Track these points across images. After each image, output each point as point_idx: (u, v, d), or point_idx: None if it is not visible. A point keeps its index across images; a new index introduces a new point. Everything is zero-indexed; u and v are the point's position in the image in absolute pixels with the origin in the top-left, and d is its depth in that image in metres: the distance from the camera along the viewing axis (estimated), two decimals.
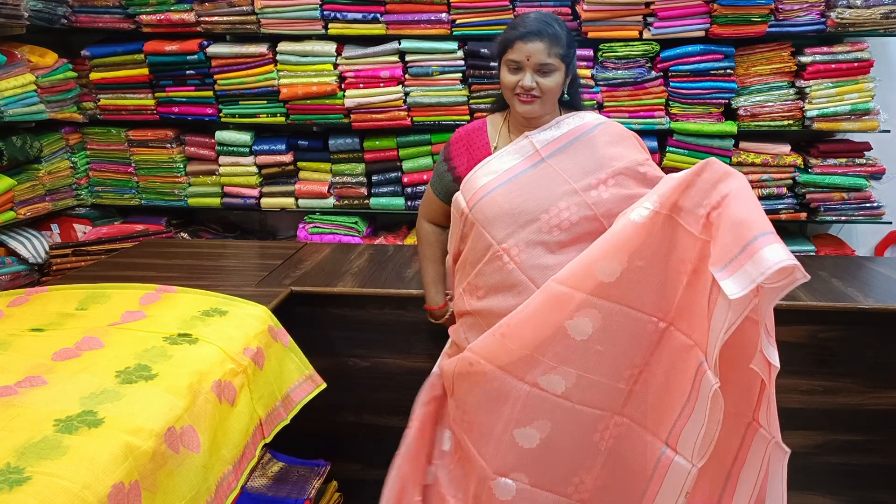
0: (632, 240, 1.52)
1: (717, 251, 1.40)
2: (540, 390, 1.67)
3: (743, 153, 3.49)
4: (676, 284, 1.52)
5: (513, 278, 1.72)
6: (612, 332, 1.59)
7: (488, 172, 1.78)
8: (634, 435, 1.64)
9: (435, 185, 1.99)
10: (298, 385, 2.04)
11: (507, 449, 1.73)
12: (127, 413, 1.42)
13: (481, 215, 1.75)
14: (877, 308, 2.18)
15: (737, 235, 1.38)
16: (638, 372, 1.61)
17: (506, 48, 1.73)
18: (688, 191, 1.49)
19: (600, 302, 1.57)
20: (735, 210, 1.41)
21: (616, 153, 1.77)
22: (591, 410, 1.66)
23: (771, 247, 1.33)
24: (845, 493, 2.36)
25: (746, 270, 1.33)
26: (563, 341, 1.62)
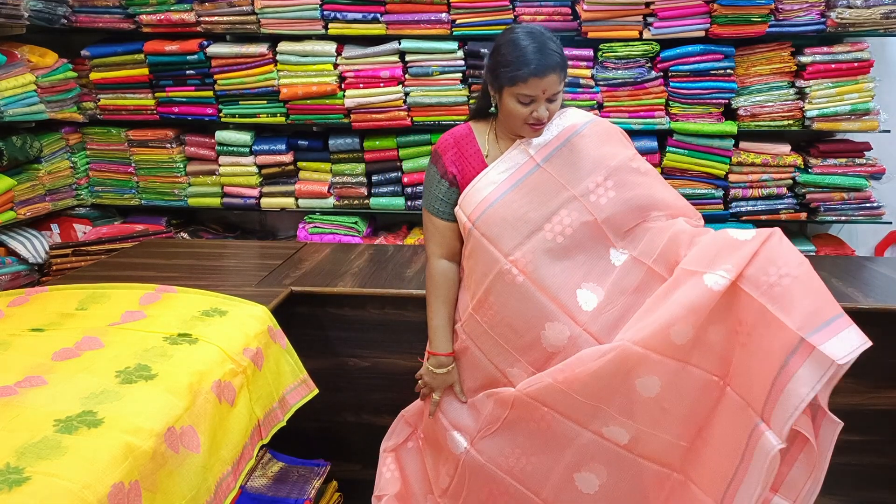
0: (708, 306, 1.54)
1: (800, 315, 1.43)
2: (603, 439, 1.70)
3: (743, 153, 3.49)
4: (734, 345, 1.55)
5: (523, 290, 1.72)
6: (678, 389, 1.61)
7: (487, 184, 1.76)
8: (689, 493, 1.65)
9: (434, 206, 1.83)
10: (293, 388, 2.04)
11: (567, 491, 1.76)
12: (127, 413, 1.41)
13: (486, 228, 1.74)
14: (877, 308, 2.18)
15: (821, 308, 1.44)
16: (697, 430, 1.62)
17: (516, 82, 1.64)
18: (755, 259, 1.53)
19: (670, 362, 1.59)
20: (813, 283, 1.47)
21: (608, 152, 1.77)
22: (651, 465, 1.69)
23: (853, 328, 1.43)
24: (845, 493, 2.35)
25: (843, 339, 1.40)
26: (629, 396, 1.63)
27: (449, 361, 1.86)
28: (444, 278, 1.85)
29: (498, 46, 1.70)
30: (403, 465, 2.00)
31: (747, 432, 1.51)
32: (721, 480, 1.56)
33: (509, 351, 1.77)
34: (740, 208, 3.55)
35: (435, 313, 1.86)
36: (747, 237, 1.57)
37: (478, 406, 1.85)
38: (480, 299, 1.77)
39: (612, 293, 1.70)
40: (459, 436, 1.87)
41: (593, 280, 1.73)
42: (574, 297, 1.71)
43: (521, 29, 1.69)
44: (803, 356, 1.41)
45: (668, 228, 1.70)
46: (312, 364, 2.16)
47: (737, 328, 1.54)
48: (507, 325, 1.75)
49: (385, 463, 1.98)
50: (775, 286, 1.47)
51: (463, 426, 1.87)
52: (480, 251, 1.75)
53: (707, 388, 1.59)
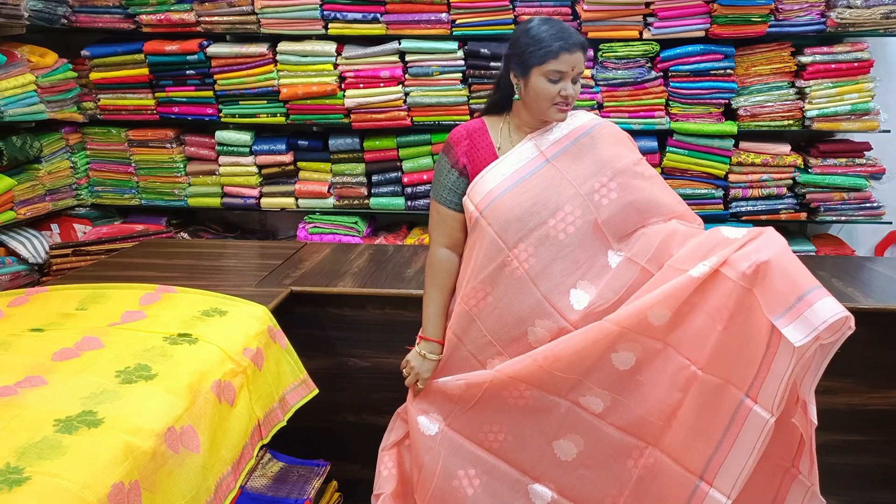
0: (686, 291, 1.62)
1: (772, 298, 1.52)
2: (580, 407, 1.76)
3: (743, 153, 3.49)
4: (710, 331, 1.62)
5: (520, 284, 1.76)
6: (652, 365, 1.68)
7: (497, 175, 1.79)
8: (668, 469, 1.70)
9: (443, 195, 1.86)
10: (294, 388, 2.05)
11: (546, 459, 1.81)
12: (127, 413, 1.41)
13: (492, 218, 1.77)
14: (877, 308, 2.18)
15: (792, 285, 1.50)
16: (671, 410, 1.68)
17: (547, 59, 1.69)
18: (740, 249, 1.60)
19: (644, 339, 1.67)
20: (786, 265, 1.54)
21: (615, 154, 1.82)
22: (624, 435, 1.74)
23: (826, 299, 1.48)
24: (845, 493, 2.36)
25: (807, 318, 1.46)
26: (606, 370, 1.71)
27: (440, 349, 1.89)
28: (443, 267, 1.89)
29: (519, 35, 1.77)
30: (402, 462, 2.01)
31: (731, 409, 1.60)
32: (700, 456, 1.64)
33: (493, 343, 1.80)
34: (740, 208, 3.55)
35: (431, 301, 1.90)
36: (738, 235, 1.64)
37: (447, 389, 1.87)
38: (475, 287, 1.80)
39: (605, 292, 1.74)
40: (428, 420, 1.89)
41: (589, 279, 1.76)
42: (567, 296, 1.75)
43: (538, 18, 1.77)
44: (778, 338, 1.51)
45: (662, 230, 1.75)
46: (312, 364, 2.16)
47: (714, 315, 1.60)
48: (497, 316, 1.78)
49: (383, 461, 1.99)
50: (754, 269, 1.54)
51: (433, 409, 1.90)
52: (485, 240, 1.78)
53: (680, 371, 1.65)
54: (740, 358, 1.58)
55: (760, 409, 1.56)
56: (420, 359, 1.89)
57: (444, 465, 1.87)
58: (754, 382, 1.57)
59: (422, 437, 1.89)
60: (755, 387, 1.57)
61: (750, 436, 1.57)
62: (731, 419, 1.60)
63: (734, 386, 1.59)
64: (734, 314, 1.57)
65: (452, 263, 1.89)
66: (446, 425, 1.88)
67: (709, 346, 1.61)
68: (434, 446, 1.88)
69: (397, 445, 2.01)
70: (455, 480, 1.86)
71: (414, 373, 1.90)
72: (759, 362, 1.55)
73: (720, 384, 1.61)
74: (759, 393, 1.56)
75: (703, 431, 1.63)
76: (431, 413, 1.90)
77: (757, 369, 1.56)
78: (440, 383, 1.89)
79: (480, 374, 1.81)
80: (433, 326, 1.89)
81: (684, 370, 1.65)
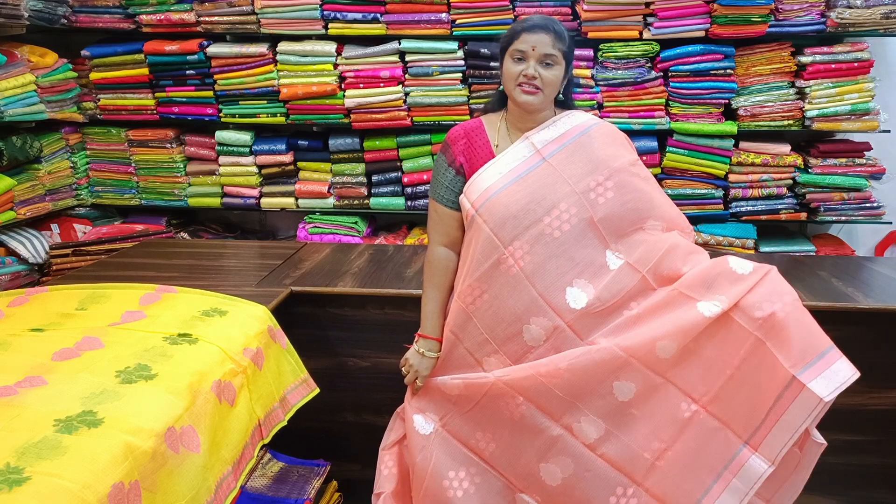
0: (697, 329, 1.65)
1: (793, 352, 1.56)
2: (572, 435, 1.76)
3: (743, 153, 3.49)
4: (720, 374, 1.64)
5: (516, 282, 1.76)
6: (650, 400, 1.70)
7: (493, 173, 1.80)
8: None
9: (440, 194, 1.87)
10: (294, 388, 2.05)
11: (531, 477, 1.82)
12: (127, 413, 1.42)
13: (488, 216, 1.77)
14: (877, 308, 2.18)
15: (812, 343, 1.57)
16: (664, 448, 1.70)
17: (511, 40, 1.76)
18: (750, 293, 1.63)
19: (649, 373, 1.68)
20: (803, 319, 1.60)
21: (612, 153, 1.82)
22: (611, 470, 1.74)
23: (842, 360, 1.56)
24: (845, 493, 2.36)
25: (829, 377, 1.53)
26: (605, 398, 1.72)
27: (438, 347, 1.90)
28: (441, 265, 1.90)
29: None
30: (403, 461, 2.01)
31: (727, 455, 1.63)
32: (688, 498, 1.66)
33: (489, 341, 1.80)
34: (740, 208, 3.55)
35: (429, 298, 1.91)
36: (745, 270, 1.67)
37: (445, 388, 1.88)
38: (471, 285, 1.80)
39: (604, 295, 1.74)
40: (424, 419, 1.90)
41: (586, 278, 1.76)
42: (563, 294, 1.75)
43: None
44: (795, 392, 1.55)
45: (664, 241, 1.77)
46: (312, 364, 2.17)
47: (724, 357, 1.63)
48: (493, 314, 1.79)
49: (383, 461, 1.99)
50: (769, 320, 1.58)
51: (430, 408, 1.90)
52: (481, 238, 1.78)
53: (679, 408, 1.68)
54: (746, 405, 1.61)
55: (760, 458, 1.59)
56: (419, 357, 1.89)
57: (435, 464, 1.87)
58: (757, 432, 1.60)
59: (416, 436, 1.89)
60: (758, 436, 1.60)
61: (743, 484, 1.61)
62: (725, 466, 1.63)
63: (733, 432, 1.63)
64: (745, 361, 1.61)
65: (450, 262, 1.90)
66: (441, 426, 1.89)
67: (714, 388, 1.64)
68: (427, 445, 1.88)
69: (397, 444, 2.01)
70: (445, 481, 1.86)
71: (413, 371, 1.90)
72: (765, 412, 1.58)
73: (718, 427, 1.64)
74: (763, 443, 1.59)
75: (694, 474, 1.66)
76: (428, 412, 1.91)
77: (763, 419, 1.59)
78: (439, 382, 1.89)
79: (481, 378, 1.81)
80: (431, 324, 1.90)
81: (683, 410, 1.67)
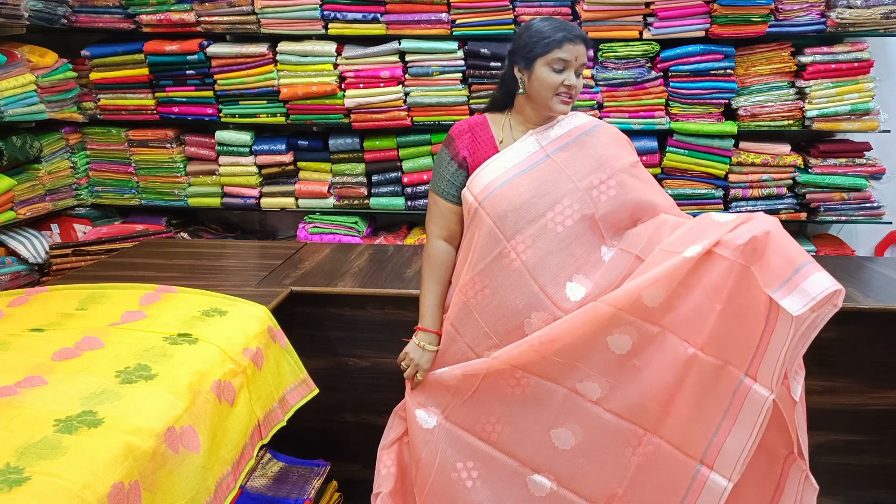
0: (681, 272, 1.62)
1: (770, 273, 1.53)
2: (577, 394, 1.76)
3: (743, 153, 3.49)
4: (709, 312, 1.62)
5: (517, 276, 1.77)
6: (649, 349, 1.68)
7: (497, 167, 1.81)
8: (667, 455, 1.69)
9: (441, 187, 1.89)
10: (294, 388, 2.04)
11: (544, 448, 1.80)
12: (127, 413, 1.41)
13: (490, 208, 1.78)
14: (877, 308, 2.18)
15: (787, 259, 1.53)
16: (670, 395, 1.68)
17: (550, 48, 1.73)
18: (732, 231, 1.61)
19: (640, 322, 1.67)
20: (781, 240, 1.56)
21: (614, 153, 1.84)
22: (622, 422, 1.73)
23: (820, 272, 1.50)
24: (845, 493, 2.35)
25: (804, 289, 1.48)
26: (602, 354, 1.71)
27: (437, 340, 1.90)
28: (440, 259, 1.91)
29: (522, 32, 1.82)
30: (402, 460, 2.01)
31: (731, 389, 1.60)
32: (700, 440, 1.63)
33: (490, 335, 1.81)
34: (740, 208, 3.55)
35: (428, 292, 1.91)
36: (728, 219, 1.65)
37: (444, 380, 1.88)
38: (473, 278, 1.81)
39: (600, 282, 1.76)
40: (426, 413, 1.90)
41: (584, 273, 1.78)
42: (563, 288, 1.77)
43: (540, 17, 1.81)
44: (777, 312, 1.52)
45: (652, 222, 1.78)
46: (312, 364, 2.16)
47: (711, 295, 1.61)
48: (495, 308, 1.79)
49: (382, 460, 2.00)
50: (750, 244, 1.55)
51: (431, 402, 1.90)
52: (483, 231, 1.79)
53: (678, 354, 1.65)
54: (739, 337, 1.58)
55: (760, 387, 1.56)
56: (419, 350, 1.90)
57: (442, 457, 1.87)
58: (753, 360, 1.57)
59: (420, 431, 1.90)
60: (754, 365, 1.57)
61: (750, 416, 1.57)
62: (730, 400, 1.59)
63: (733, 366, 1.59)
64: (732, 293, 1.58)
65: (449, 255, 1.91)
66: (444, 418, 1.89)
67: (707, 327, 1.61)
68: (432, 440, 1.88)
69: (396, 443, 2.01)
70: (454, 473, 1.86)
71: (413, 364, 1.90)
72: (757, 339, 1.56)
73: (719, 365, 1.61)
74: (759, 370, 1.56)
75: (703, 414, 1.63)
76: (429, 406, 1.90)
77: (756, 347, 1.56)
78: (437, 375, 1.89)
79: (477, 363, 1.82)
80: (431, 317, 1.90)
81: (682, 353, 1.64)
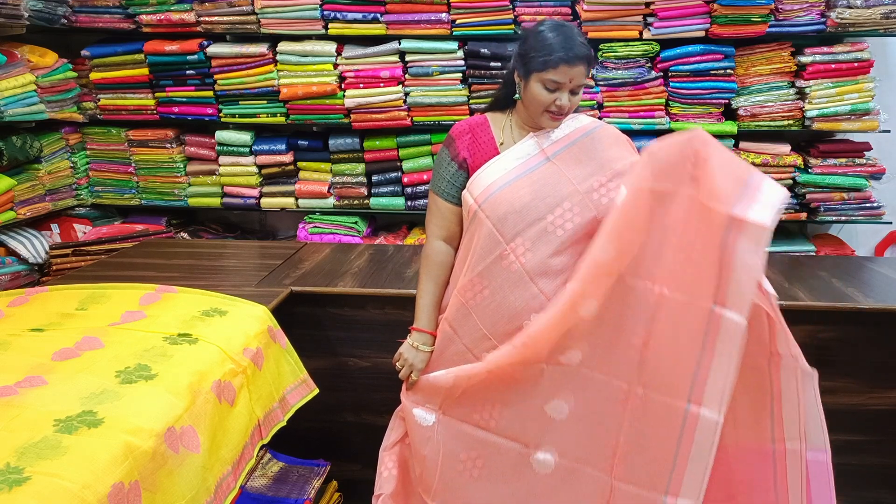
0: (619, 219, 1.64)
1: (721, 194, 1.51)
2: (560, 365, 1.76)
3: (743, 153, 3.49)
4: (664, 248, 1.63)
5: (516, 278, 1.77)
6: (614, 302, 1.69)
7: (497, 169, 1.81)
8: (655, 402, 1.69)
9: (441, 188, 1.88)
10: (294, 388, 2.05)
11: (541, 423, 1.80)
12: (127, 413, 1.42)
13: (490, 211, 1.78)
14: (877, 308, 2.18)
15: (735, 177, 1.52)
16: (643, 340, 1.68)
17: (546, 66, 1.69)
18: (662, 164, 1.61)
19: (601, 278, 1.67)
20: (720, 157, 1.56)
21: (615, 155, 1.83)
22: (608, 378, 1.73)
23: (768, 179, 1.53)
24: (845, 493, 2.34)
25: (762, 200, 1.48)
26: (577, 323, 1.71)
27: (432, 341, 1.90)
28: (438, 259, 1.90)
29: (528, 35, 1.77)
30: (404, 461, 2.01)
31: (703, 322, 1.57)
32: (684, 378, 1.62)
33: (488, 336, 1.81)
34: None
35: (424, 292, 1.91)
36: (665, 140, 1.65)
37: (438, 382, 1.87)
38: (472, 280, 1.80)
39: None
40: (424, 411, 1.90)
41: None
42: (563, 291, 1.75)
43: (551, 21, 1.75)
44: (738, 229, 1.49)
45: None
46: (312, 364, 2.17)
47: (664, 231, 1.62)
48: (494, 309, 1.79)
49: (383, 462, 2.00)
50: (694, 172, 1.55)
51: (427, 400, 1.90)
52: (483, 233, 1.79)
53: (642, 294, 1.66)
54: (700, 268, 1.57)
55: (732, 313, 1.53)
56: (413, 351, 1.89)
57: (445, 452, 1.87)
58: (719, 288, 1.55)
59: (419, 429, 1.89)
60: (721, 292, 1.55)
61: (727, 344, 1.56)
62: (705, 332, 1.57)
63: (701, 299, 1.58)
64: (685, 226, 1.58)
65: (447, 256, 1.90)
66: (442, 413, 1.88)
67: (667, 263, 1.62)
68: (433, 436, 1.88)
69: (398, 444, 2.01)
70: (459, 465, 1.86)
71: (408, 364, 1.90)
72: (718, 266, 1.54)
73: (687, 302, 1.60)
74: (727, 296, 1.53)
75: (681, 354, 1.62)
76: (426, 404, 1.90)
77: (718, 275, 1.53)
78: (431, 378, 1.89)
79: (468, 369, 1.82)
80: (427, 317, 1.90)
81: (648, 294, 1.65)
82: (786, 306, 2.12)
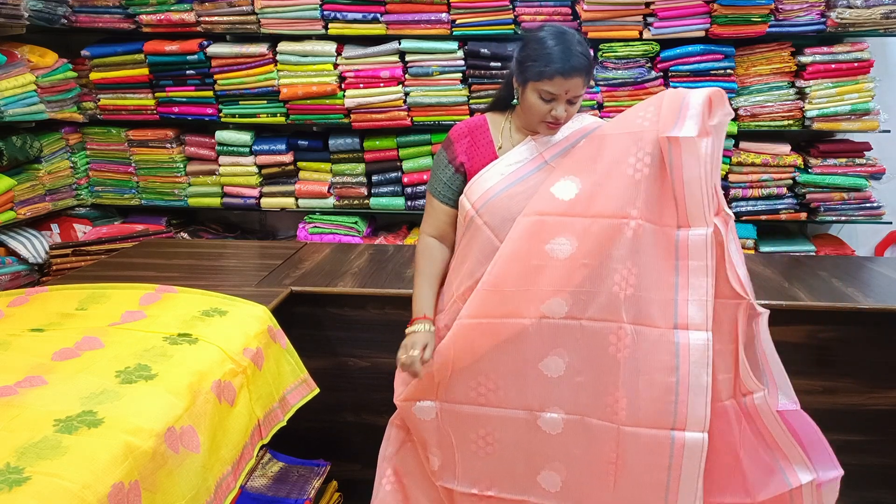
0: (588, 147, 1.73)
1: (665, 121, 1.64)
2: (547, 318, 1.75)
3: (743, 153, 3.49)
4: (629, 183, 1.69)
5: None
6: (590, 243, 1.70)
7: (494, 174, 1.79)
8: (644, 336, 1.69)
9: (437, 189, 1.87)
10: (294, 388, 2.04)
11: (539, 384, 1.79)
12: (127, 413, 1.42)
13: (488, 217, 1.76)
14: (877, 308, 2.18)
15: (675, 104, 1.66)
16: (627, 272, 1.69)
17: (542, 78, 1.66)
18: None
19: (570, 219, 1.70)
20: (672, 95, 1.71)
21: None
22: (598, 324, 1.73)
23: (696, 90, 1.67)
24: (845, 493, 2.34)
25: (691, 115, 1.62)
26: (548, 265, 1.71)
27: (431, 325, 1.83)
28: (431, 254, 1.89)
29: (528, 41, 1.74)
30: (403, 473, 2.00)
31: (672, 246, 1.67)
32: (663, 308, 1.67)
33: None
34: (740, 208, 3.54)
35: (419, 287, 1.89)
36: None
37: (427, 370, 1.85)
38: (470, 287, 1.79)
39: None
40: (421, 405, 1.89)
41: None
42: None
43: (552, 27, 1.72)
44: (677, 148, 1.62)
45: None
46: (312, 364, 2.16)
47: (627, 165, 1.69)
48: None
49: (385, 474, 1.98)
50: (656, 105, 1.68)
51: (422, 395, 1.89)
52: (480, 239, 1.77)
53: (619, 231, 1.68)
54: (663, 193, 1.65)
55: (695, 229, 1.64)
56: (425, 333, 1.80)
57: (456, 437, 1.87)
58: (678, 208, 1.64)
59: (423, 424, 1.89)
60: (681, 212, 1.64)
61: (697, 260, 1.64)
62: (675, 255, 1.66)
63: (667, 226, 1.66)
64: (651, 154, 1.66)
65: (439, 251, 1.90)
66: (440, 402, 1.88)
67: (640, 197, 1.67)
68: (440, 426, 1.88)
69: (397, 454, 2.01)
70: (473, 445, 1.87)
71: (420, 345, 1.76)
72: (671, 186, 1.64)
73: (655, 230, 1.66)
74: (687, 214, 1.64)
75: (657, 281, 1.67)
76: (423, 399, 1.89)
77: (673, 196, 1.64)
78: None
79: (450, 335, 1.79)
80: (428, 305, 1.85)
81: (623, 227, 1.68)
82: (786, 306, 2.14)
